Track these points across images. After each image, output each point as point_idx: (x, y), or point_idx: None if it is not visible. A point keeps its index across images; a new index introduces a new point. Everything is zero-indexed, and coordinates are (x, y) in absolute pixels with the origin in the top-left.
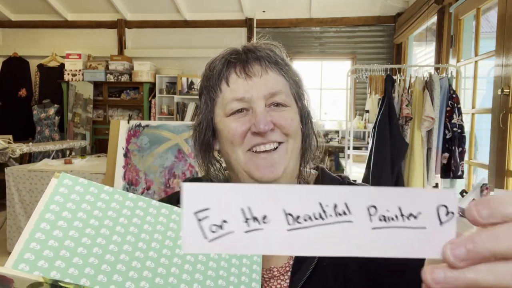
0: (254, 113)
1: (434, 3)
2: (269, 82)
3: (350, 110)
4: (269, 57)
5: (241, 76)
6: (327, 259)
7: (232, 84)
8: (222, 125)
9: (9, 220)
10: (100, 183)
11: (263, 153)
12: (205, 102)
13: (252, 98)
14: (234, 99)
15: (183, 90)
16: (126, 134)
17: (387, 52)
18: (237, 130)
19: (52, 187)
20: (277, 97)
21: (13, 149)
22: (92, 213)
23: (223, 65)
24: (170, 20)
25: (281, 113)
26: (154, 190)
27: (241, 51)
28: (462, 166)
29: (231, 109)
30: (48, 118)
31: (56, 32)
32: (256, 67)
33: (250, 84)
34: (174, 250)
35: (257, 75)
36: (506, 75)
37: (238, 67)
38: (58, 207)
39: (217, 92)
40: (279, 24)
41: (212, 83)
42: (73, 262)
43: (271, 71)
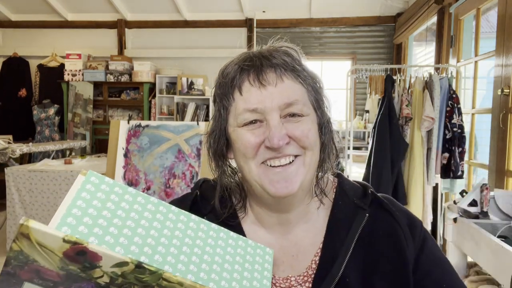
0: (268, 126)
1: (434, 3)
2: (284, 91)
3: (350, 110)
4: (285, 63)
5: (255, 84)
6: (351, 275)
7: (245, 93)
8: (235, 136)
9: (9, 220)
10: None
11: (277, 167)
12: (218, 110)
13: (266, 109)
14: (247, 110)
15: (183, 90)
16: (126, 134)
17: (387, 52)
18: (250, 143)
19: (79, 184)
20: (293, 107)
21: (13, 149)
22: (116, 213)
23: (236, 72)
24: (170, 20)
25: (297, 124)
26: (154, 190)
27: (255, 57)
28: (462, 166)
29: (243, 119)
30: (48, 118)
31: (56, 32)
32: (270, 75)
33: (264, 93)
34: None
35: (271, 84)
36: (506, 75)
37: (251, 74)
38: (84, 204)
39: (230, 100)
40: (279, 24)
41: (224, 90)
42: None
43: (287, 78)
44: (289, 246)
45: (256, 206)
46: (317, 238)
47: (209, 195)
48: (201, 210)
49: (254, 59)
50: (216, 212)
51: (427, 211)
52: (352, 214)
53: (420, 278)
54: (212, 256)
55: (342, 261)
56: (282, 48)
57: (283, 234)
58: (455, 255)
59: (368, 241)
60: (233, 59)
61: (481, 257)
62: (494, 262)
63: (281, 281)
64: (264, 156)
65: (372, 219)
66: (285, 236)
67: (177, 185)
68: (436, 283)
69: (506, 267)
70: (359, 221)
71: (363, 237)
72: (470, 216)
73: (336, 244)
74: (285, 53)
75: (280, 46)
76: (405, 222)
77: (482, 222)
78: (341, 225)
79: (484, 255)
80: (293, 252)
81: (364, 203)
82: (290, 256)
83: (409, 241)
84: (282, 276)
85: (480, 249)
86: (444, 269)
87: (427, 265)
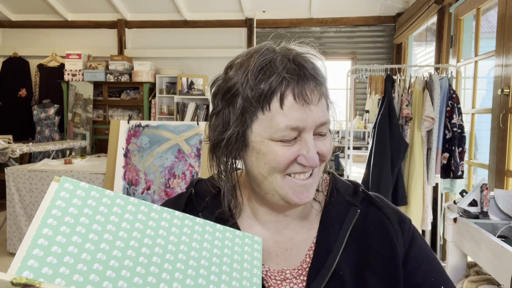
0: (304, 143)
1: (434, 3)
2: (322, 110)
3: (350, 110)
4: (324, 79)
5: (299, 101)
6: (345, 268)
7: (286, 109)
8: (265, 148)
9: (9, 220)
10: (100, 183)
11: (302, 181)
12: (241, 113)
13: (306, 127)
14: (288, 127)
15: (183, 90)
16: (126, 134)
17: (387, 52)
18: (286, 159)
19: (53, 191)
20: (324, 126)
21: (13, 149)
22: (95, 218)
23: (278, 83)
24: (170, 20)
25: (324, 142)
26: (154, 190)
27: (295, 68)
28: (462, 166)
29: (281, 136)
30: (48, 118)
31: (56, 32)
32: (315, 92)
33: (307, 112)
34: (177, 255)
35: (313, 103)
36: (506, 75)
37: (296, 90)
38: (60, 212)
39: (263, 108)
40: (279, 24)
41: (256, 95)
42: (77, 268)
43: (323, 96)
44: (283, 241)
45: (257, 204)
46: (311, 233)
47: (204, 193)
48: (196, 207)
49: (295, 70)
50: (210, 209)
51: (427, 211)
52: (345, 211)
53: (410, 272)
54: (199, 252)
55: (336, 255)
56: (312, 56)
57: (278, 230)
58: (455, 255)
59: (360, 236)
60: (258, 58)
61: (481, 257)
62: (494, 262)
63: (276, 274)
64: (292, 169)
65: (363, 215)
66: (280, 231)
67: (177, 185)
68: (425, 276)
69: (506, 267)
70: (351, 217)
71: (356, 232)
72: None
73: (330, 238)
74: (315, 62)
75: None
76: (395, 218)
77: (482, 222)
78: (334, 221)
79: (484, 255)
80: (287, 246)
81: (356, 200)
82: (284, 250)
83: (399, 236)
84: (277, 269)
85: (480, 249)
86: (432, 264)
87: (416, 260)
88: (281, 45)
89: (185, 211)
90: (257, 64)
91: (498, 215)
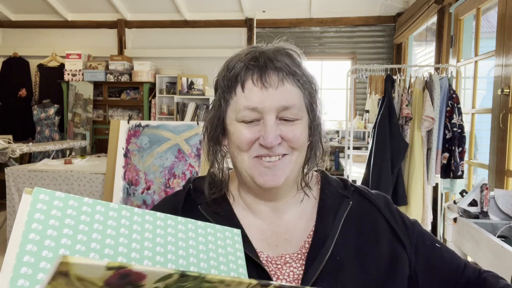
0: (264, 125)
1: (434, 3)
2: (284, 95)
3: (350, 110)
4: (288, 67)
5: (257, 85)
6: (342, 253)
7: (247, 91)
8: (233, 129)
9: (9, 220)
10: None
11: (268, 162)
12: (218, 100)
13: (265, 109)
14: (247, 107)
15: (183, 90)
16: (126, 134)
17: (387, 52)
18: (246, 138)
19: (28, 204)
20: (289, 111)
21: (13, 149)
22: (78, 228)
23: (241, 70)
24: (170, 20)
25: (291, 128)
26: (154, 190)
27: (260, 57)
28: (462, 166)
29: (242, 116)
30: (48, 118)
31: (56, 32)
32: (273, 77)
33: (265, 94)
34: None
35: (273, 86)
36: (506, 75)
37: (255, 74)
38: (40, 226)
39: (231, 94)
40: (279, 24)
41: (227, 84)
42: None
43: (288, 82)
44: (281, 232)
45: (245, 194)
46: (309, 224)
47: (202, 188)
48: (196, 200)
49: (259, 59)
50: (209, 202)
51: (427, 211)
52: (338, 202)
53: (416, 241)
54: (187, 250)
55: (332, 241)
56: (285, 49)
57: (274, 221)
58: None
59: (354, 224)
60: (239, 52)
61: (481, 257)
62: (494, 262)
63: (276, 259)
64: (257, 151)
65: (355, 206)
66: (277, 223)
67: (177, 185)
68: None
69: (506, 267)
70: (345, 207)
71: (350, 220)
72: (470, 216)
73: (327, 226)
74: (287, 55)
75: (283, 47)
76: (383, 205)
77: (482, 222)
78: (330, 211)
79: (484, 255)
80: (286, 237)
81: (348, 193)
82: (283, 240)
83: (390, 220)
84: (277, 254)
85: (480, 249)
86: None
87: (417, 231)
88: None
89: (185, 205)
90: (233, 58)
91: (498, 215)
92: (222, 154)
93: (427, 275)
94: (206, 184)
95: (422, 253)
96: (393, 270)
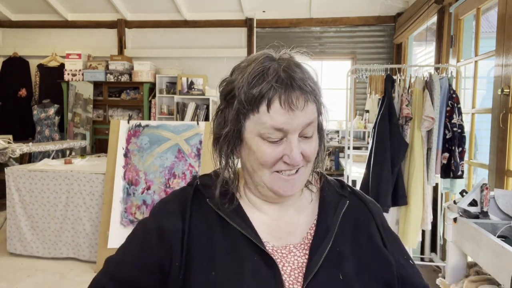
0: (288, 144)
1: (434, 3)
2: (307, 114)
3: (350, 110)
4: (312, 89)
5: (284, 107)
6: (341, 246)
7: (273, 112)
8: (255, 145)
9: (9, 220)
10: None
11: (288, 177)
12: (236, 113)
13: (290, 130)
14: (273, 127)
15: (183, 90)
16: (126, 134)
17: (387, 52)
18: (271, 157)
19: None
20: (308, 128)
21: (13, 149)
22: None
23: (267, 90)
24: (170, 20)
25: (309, 144)
26: (154, 190)
27: (285, 77)
28: (462, 166)
29: (268, 135)
30: (48, 118)
31: (56, 32)
32: (300, 100)
33: (291, 115)
34: None
35: (299, 108)
36: (506, 75)
37: (283, 97)
38: None
39: (253, 111)
40: (279, 24)
41: (249, 100)
42: None
43: (310, 102)
44: (285, 226)
45: (251, 195)
46: (311, 217)
47: (209, 183)
48: (204, 194)
49: (284, 80)
50: (217, 196)
51: (427, 211)
52: (337, 200)
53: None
54: None
55: (332, 234)
56: (298, 64)
57: (279, 217)
58: (455, 255)
59: (351, 221)
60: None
61: (481, 257)
62: (494, 262)
63: (281, 248)
64: (279, 167)
65: (351, 204)
66: (281, 218)
67: (177, 185)
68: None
69: (506, 267)
70: (342, 205)
71: (347, 218)
72: (470, 216)
73: (328, 220)
74: (306, 72)
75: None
76: (372, 208)
77: (482, 222)
78: (329, 207)
79: (484, 255)
80: (290, 230)
81: (345, 192)
82: (287, 233)
83: (378, 221)
84: (282, 244)
85: (480, 249)
86: (400, 243)
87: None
88: (282, 52)
89: (193, 198)
90: (253, 72)
91: (498, 215)
92: (234, 160)
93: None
94: (220, 179)
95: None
96: (384, 261)
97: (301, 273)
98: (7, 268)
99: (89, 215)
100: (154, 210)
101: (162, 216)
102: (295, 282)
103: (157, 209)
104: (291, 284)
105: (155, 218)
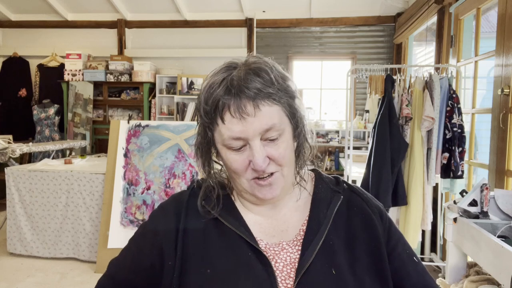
0: (251, 150)
1: (434, 3)
2: (262, 119)
3: (350, 110)
4: (259, 92)
5: (236, 116)
6: (335, 240)
7: (227, 123)
8: (224, 154)
9: (9, 220)
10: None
11: (263, 181)
12: (204, 128)
13: (248, 136)
14: (231, 137)
15: (183, 90)
16: (126, 134)
17: (387, 52)
18: (239, 164)
19: None
20: (270, 131)
21: (13, 149)
22: None
23: (218, 104)
24: (170, 20)
25: (275, 147)
26: (154, 190)
27: (233, 88)
28: (462, 166)
29: (229, 145)
30: (48, 118)
31: (56, 32)
32: (248, 107)
33: (245, 124)
34: None
35: (250, 115)
36: (506, 75)
37: (232, 107)
38: None
39: (213, 124)
40: (279, 24)
41: (209, 115)
42: None
43: (263, 106)
44: (278, 224)
45: (243, 199)
46: (303, 215)
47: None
48: (200, 195)
49: (231, 90)
50: (212, 197)
51: (427, 211)
52: (330, 196)
53: (392, 247)
54: None
55: (325, 228)
56: (255, 68)
57: (272, 216)
58: (455, 255)
59: (345, 216)
60: (213, 80)
61: (481, 257)
62: (494, 262)
63: (274, 245)
64: (252, 174)
65: (346, 200)
66: (274, 217)
67: (177, 185)
68: (404, 249)
69: (506, 267)
70: (336, 200)
71: (341, 213)
72: (470, 216)
73: (320, 215)
74: (257, 75)
75: (253, 67)
76: (372, 203)
77: (482, 222)
78: (322, 203)
79: (484, 255)
80: (283, 228)
81: (339, 189)
82: (280, 231)
83: (377, 216)
84: (275, 242)
85: (480, 249)
86: (405, 241)
87: (395, 236)
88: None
89: (189, 200)
90: (207, 86)
91: (498, 215)
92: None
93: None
94: (203, 186)
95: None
96: (379, 256)
97: (293, 268)
98: (7, 268)
99: (89, 215)
100: (152, 213)
101: (158, 219)
102: (287, 278)
103: (155, 212)
104: (283, 280)
105: (151, 221)
